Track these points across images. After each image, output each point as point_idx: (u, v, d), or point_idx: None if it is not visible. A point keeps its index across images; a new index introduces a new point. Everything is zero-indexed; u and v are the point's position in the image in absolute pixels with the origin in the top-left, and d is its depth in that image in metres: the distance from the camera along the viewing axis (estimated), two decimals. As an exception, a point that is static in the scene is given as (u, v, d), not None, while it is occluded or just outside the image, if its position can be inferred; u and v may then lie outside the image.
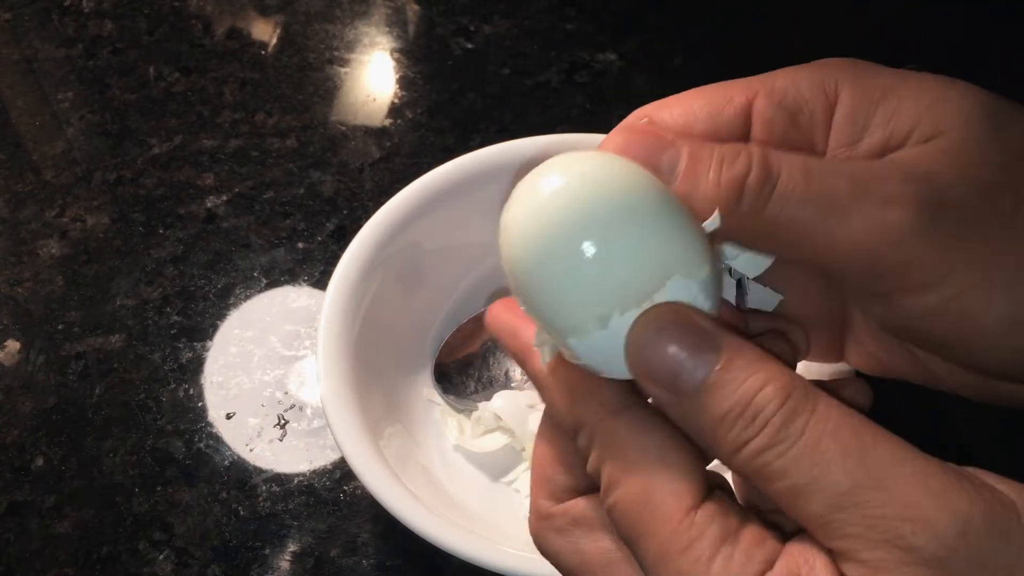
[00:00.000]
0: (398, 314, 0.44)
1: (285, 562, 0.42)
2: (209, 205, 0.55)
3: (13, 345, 0.50)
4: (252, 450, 0.46)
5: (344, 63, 0.63)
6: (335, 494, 0.44)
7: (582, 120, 0.59)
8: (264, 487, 0.44)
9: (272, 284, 0.52)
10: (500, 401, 0.43)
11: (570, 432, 0.23)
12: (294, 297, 0.51)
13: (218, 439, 0.46)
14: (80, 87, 0.62)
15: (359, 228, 0.43)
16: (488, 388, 0.44)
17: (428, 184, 0.44)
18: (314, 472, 0.45)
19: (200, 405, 0.47)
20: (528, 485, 0.31)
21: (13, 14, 0.67)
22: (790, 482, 0.19)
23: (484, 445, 0.43)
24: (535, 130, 0.48)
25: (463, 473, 0.43)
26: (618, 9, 0.66)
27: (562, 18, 0.65)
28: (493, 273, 0.46)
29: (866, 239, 0.22)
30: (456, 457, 0.43)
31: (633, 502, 0.21)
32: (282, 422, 0.47)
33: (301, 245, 0.53)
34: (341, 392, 0.39)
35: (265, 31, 0.65)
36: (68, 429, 0.47)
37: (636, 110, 0.25)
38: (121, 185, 0.57)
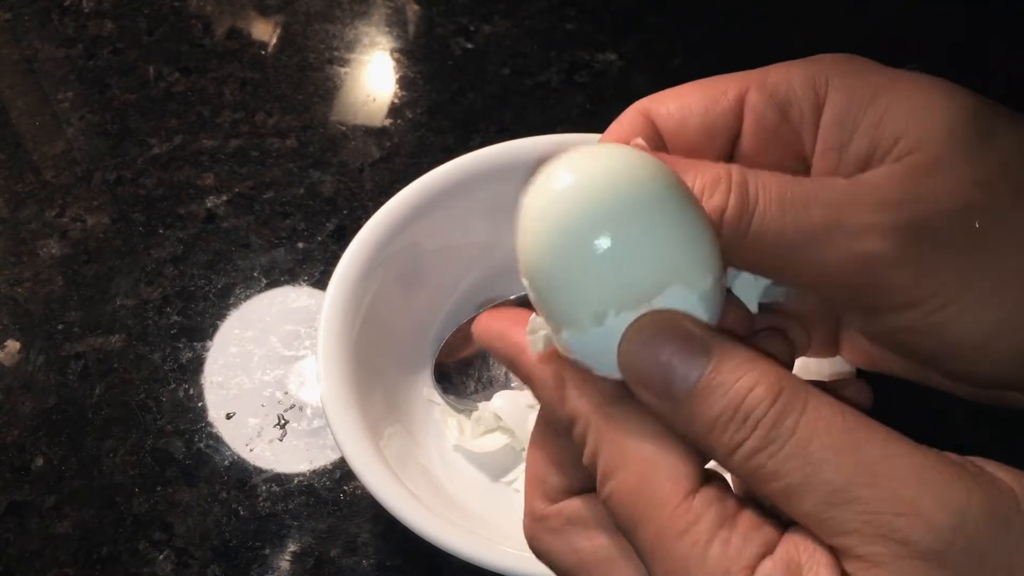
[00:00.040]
0: (398, 314, 0.44)
1: (285, 562, 0.42)
2: (209, 205, 0.55)
3: (13, 345, 0.50)
4: (252, 450, 0.46)
5: (344, 63, 0.63)
6: (335, 494, 0.44)
7: (582, 120, 0.59)
8: (264, 487, 0.44)
9: (272, 284, 0.52)
10: (500, 401, 0.43)
11: (564, 426, 0.23)
12: (294, 297, 0.51)
13: (218, 439, 0.46)
14: (80, 87, 0.62)
15: (359, 228, 0.43)
16: (488, 388, 0.44)
17: (428, 184, 0.44)
18: (314, 472, 0.45)
19: (200, 405, 0.47)
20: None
21: (13, 14, 0.67)
22: (784, 482, 0.19)
23: (484, 445, 0.43)
24: (535, 130, 0.48)
25: (463, 473, 0.43)
26: (618, 9, 0.66)
27: (562, 18, 0.65)
28: (493, 273, 0.46)
29: (843, 268, 0.22)
30: (456, 457, 0.43)
31: (630, 490, 0.21)
32: (282, 422, 0.47)
33: (301, 245, 0.53)
34: (341, 392, 0.39)
35: (265, 31, 0.65)
36: (68, 429, 0.47)
37: (634, 103, 0.26)
38: (121, 185, 0.57)
